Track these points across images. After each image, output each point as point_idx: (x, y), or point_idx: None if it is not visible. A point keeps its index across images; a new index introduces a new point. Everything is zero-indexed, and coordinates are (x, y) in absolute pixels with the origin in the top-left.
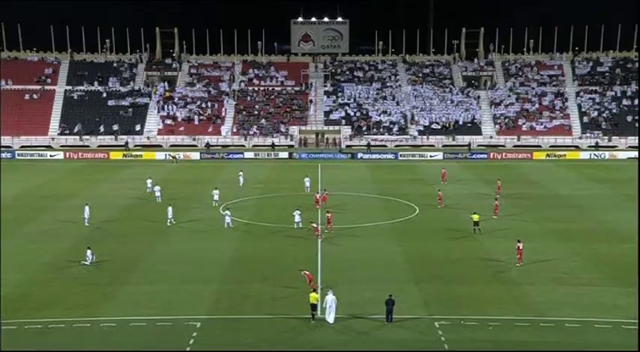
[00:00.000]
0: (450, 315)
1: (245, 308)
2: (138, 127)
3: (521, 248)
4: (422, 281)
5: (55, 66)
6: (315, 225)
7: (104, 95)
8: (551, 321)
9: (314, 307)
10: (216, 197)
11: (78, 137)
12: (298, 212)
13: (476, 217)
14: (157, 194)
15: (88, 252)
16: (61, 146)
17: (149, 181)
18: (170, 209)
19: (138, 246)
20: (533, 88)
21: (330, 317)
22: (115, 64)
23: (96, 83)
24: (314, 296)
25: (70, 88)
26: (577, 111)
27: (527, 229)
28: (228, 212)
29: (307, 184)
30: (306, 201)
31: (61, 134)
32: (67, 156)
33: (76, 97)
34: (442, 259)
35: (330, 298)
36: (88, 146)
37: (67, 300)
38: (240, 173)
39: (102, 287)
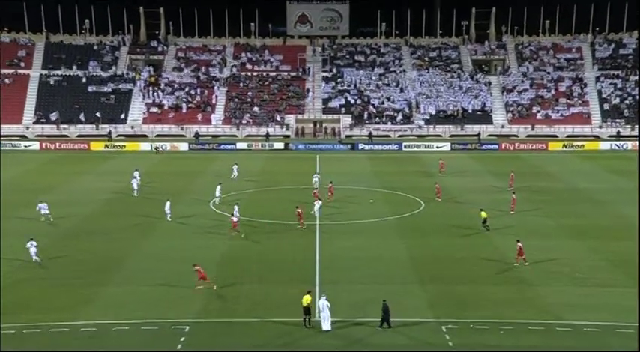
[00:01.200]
0: (458, 318)
1: (237, 311)
2: (122, 116)
3: (522, 247)
4: (427, 281)
5: (29, 48)
6: (299, 211)
7: (84, 80)
8: (567, 325)
9: (307, 310)
10: (218, 193)
11: (55, 126)
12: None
13: (484, 214)
14: (134, 187)
15: (32, 247)
16: (37, 136)
17: (136, 174)
18: (168, 204)
19: (121, 244)
20: (549, 73)
21: (326, 324)
22: (95, 47)
23: (74, 67)
24: (307, 299)
25: (45, 72)
26: (597, 97)
27: (541, 225)
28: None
29: (315, 179)
30: (304, 196)
31: (36, 123)
32: (44, 146)
33: (52, 83)
34: (449, 257)
35: (323, 303)
36: (66, 136)
37: (44, 303)
38: (235, 165)
39: (82, 288)
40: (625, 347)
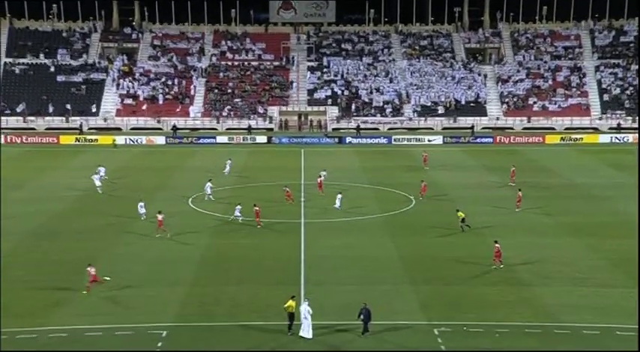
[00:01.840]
0: (451, 321)
1: (217, 315)
2: (94, 108)
3: (500, 248)
4: (419, 282)
5: None
6: (257, 209)
7: (52, 69)
8: (566, 327)
9: (291, 316)
10: (209, 190)
11: (21, 118)
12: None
13: (461, 214)
14: (97, 183)
15: None
16: (2, 129)
17: (102, 170)
18: (141, 204)
19: (93, 244)
20: (546, 62)
21: (306, 332)
22: (64, 34)
23: (42, 55)
24: (290, 305)
25: (10, 60)
26: (596, 88)
27: (537, 223)
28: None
29: (323, 174)
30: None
31: (0, 115)
32: (9, 139)
33: (17, 71)
34: (442, 257)
35: (304, 309)
36: (33, 129)
37: (9, 307)
38: (229, 161)
39: (50, 292)
40: (627, 350)
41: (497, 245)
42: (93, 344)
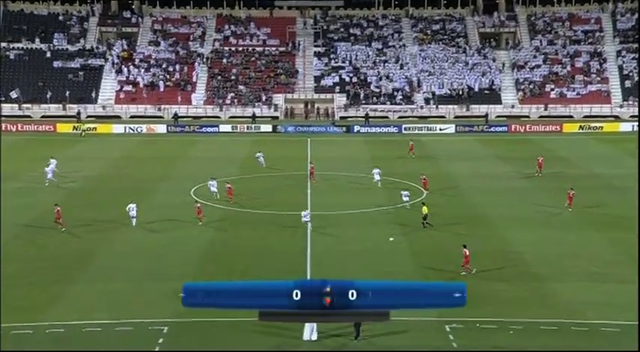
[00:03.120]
0: (463, 317)
1: (221, 310)
2: (92, 95)
3: (468, 254)
4: (430, 277)
5: None
6: (199, 206)
7: (48, 55)
8: (584, 324)
9: None
10: (213, 188)
11: (16, 105)
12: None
13: (425, 209)
14: (49, 175)
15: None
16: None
17: (53, 162)
18: (133, 206)
19: (92, 237)
20: (564, 47)
21: (308, 334)
22: (60, 17)
23: (37, 40)
24: None
25: (4, 44)
26: (617, 74)
27: (554, 215)
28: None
29: (377, 175)
30: (293, 181)
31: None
32: (4, 128)
33: (12, 57)
34: (454, 251)
35: None
36: (29, 116)
37: (4, 302)
38: (259, 153)
39: (47, 286)
40: None
41: (465, 250)
42: (92, 340)
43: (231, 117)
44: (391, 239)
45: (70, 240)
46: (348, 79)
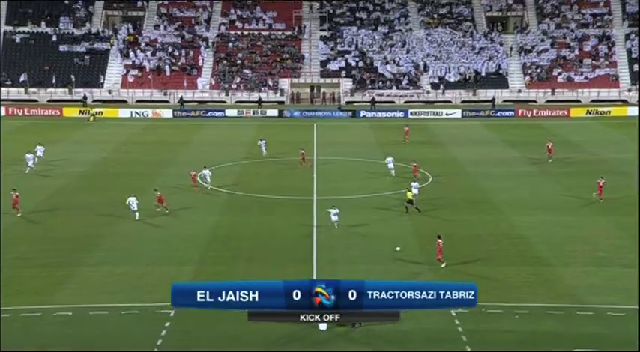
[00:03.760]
0: None
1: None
2: (100, 79)
3: (441, 245)
4: (435, 261)
5: None
6: (159, 195)
7: (54, 39)
8: (589, 309)
9: None
10: (208, 178)
11: (23, 89)
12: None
13: (410, 194)
14: (30, 164)
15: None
16: (2, 99)
17: (40, 149)
18: (133, 199)
19: (97, 220)
20: (572, 31)
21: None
22: (66, 1)
23: (43, 24)
24: None
25: (10, 28)
26: (626, 58)
27: (561, 200)
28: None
29: (390, 163)
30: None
31: (1, 85)
32: (10, 112)
33: (18, 41)
34: (459, 235)
35: None
36: (35, 100)
37: (12, 285)
38: (262, 141)
39: (54, 269)
40: None
41: (439, 241)
42: (99, 323)
43: (237, 101)
44: (398, 249)
45: (77, 224)
46: (354, 64)
